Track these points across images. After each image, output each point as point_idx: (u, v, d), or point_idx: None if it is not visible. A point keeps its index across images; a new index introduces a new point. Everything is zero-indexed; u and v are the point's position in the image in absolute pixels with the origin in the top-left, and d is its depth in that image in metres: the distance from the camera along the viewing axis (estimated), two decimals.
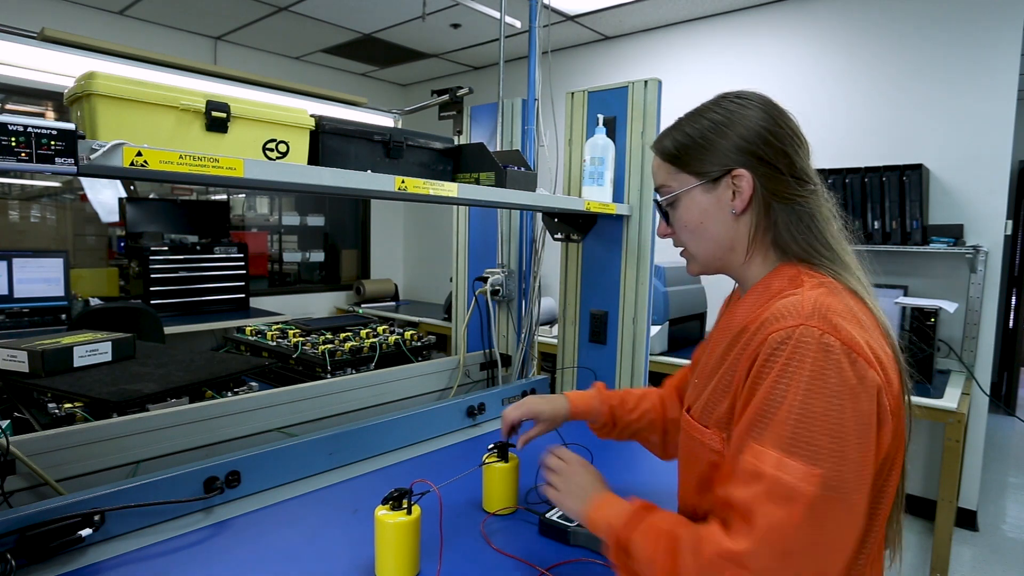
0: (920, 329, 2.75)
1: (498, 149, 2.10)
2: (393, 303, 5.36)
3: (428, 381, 1.93)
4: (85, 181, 3.93)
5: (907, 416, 0.76)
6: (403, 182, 1.19)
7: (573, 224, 1.95)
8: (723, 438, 0.78)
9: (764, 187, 0.80)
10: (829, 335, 0.68)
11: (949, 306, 2.67)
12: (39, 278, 3.23)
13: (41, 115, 3.57)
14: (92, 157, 0.78)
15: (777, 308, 0.72)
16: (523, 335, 2.11)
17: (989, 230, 2.95)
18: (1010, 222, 3.18)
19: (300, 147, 1.12)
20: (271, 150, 1.07)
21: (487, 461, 1.18)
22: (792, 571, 0.65)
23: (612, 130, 1.89)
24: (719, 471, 0.78)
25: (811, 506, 0.64)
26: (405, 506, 0.93)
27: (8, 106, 3.67)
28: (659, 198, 0.88)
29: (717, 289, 3.51)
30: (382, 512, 0.93)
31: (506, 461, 1.18)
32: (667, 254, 1.84)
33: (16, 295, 3.16)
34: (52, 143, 0.73)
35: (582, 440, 1.42)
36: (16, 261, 3.17)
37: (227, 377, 1.56)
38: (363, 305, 5.08)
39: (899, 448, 0.75)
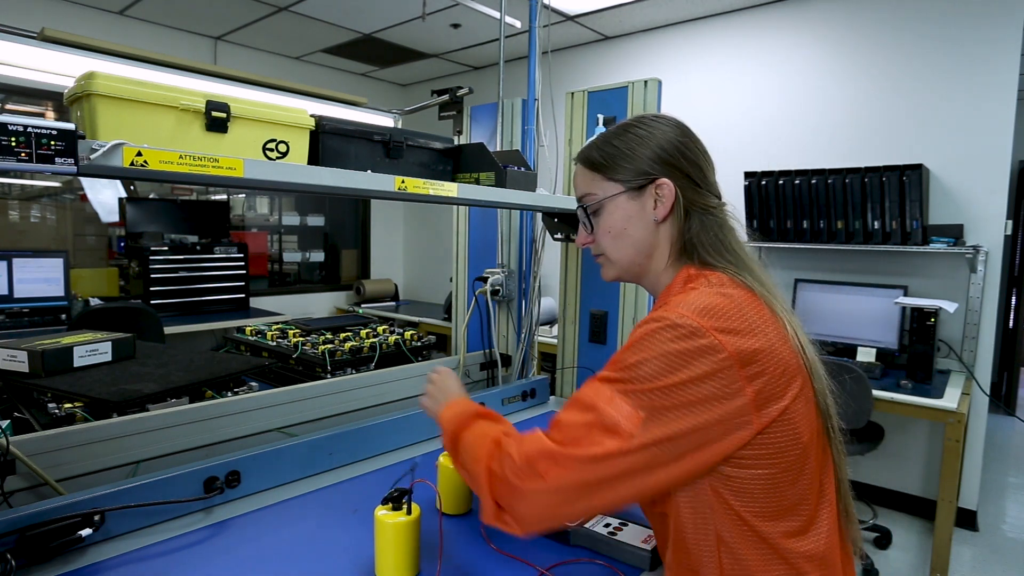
0: (920, 329, 2.75)
1: (498, 149, 2.10)
2: (393, 303, 5.36)
3: None
4: (85, 181, 3.93)
5: (821, 407, 0.80)
6: (403, 182, 1.20)
7: (573, 224, 1.95)
8: None
9: (683, 196, 0.86)
10: (688, 318, 0.74)
11: (949, 306, 2.67)
12: (39, 278, 3.23)
13: (41, 115, 3.57)
14: (92, 157, 0.78)
15: (660, 312, 0.77)
16: (523, 335, 2.11)
17: (989, 230, 2.95)
18: (1010, 222, 3.18)
19: (300, 147, 1.12)
20: (271, 150, 1.07)
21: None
22: (585, 489, 0.72)
23: None
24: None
25: (626, 442, 0.71)
26: (405, 506, 0.93)
27: (8, 106, 3.66)
28: (584, 206, 0.92)
29: None
30: (382, 512, 0.93)
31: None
32: None
33: (16, 295, 3.16)
34: (52, 143, 0.73)
35: None
36: (16, 261, 3.17)
37: (227, 377, 1.56)
38: (363, 305, 5.08)
39: (810, 435, 0.77)
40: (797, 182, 3.16)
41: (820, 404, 0.80)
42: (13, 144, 0.70)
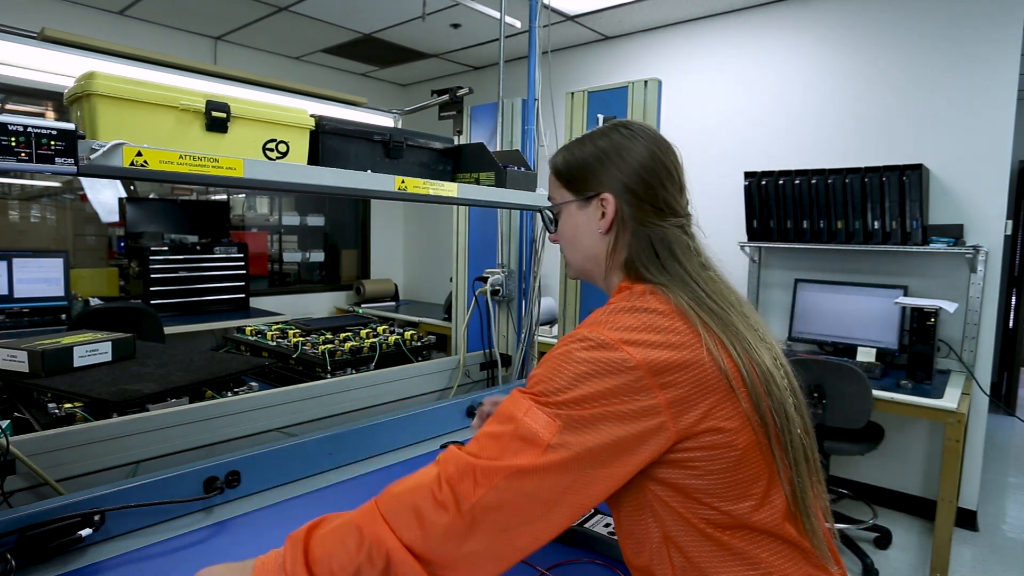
0: (920, 329, 2.75)
1: (498, 149, 2.10)
2: (393, 303, 5.36)
3: (428, 381, 1.93)
4: (85, 181, 3.93)
5: (765, 417, 0.77)
6: (403, 182, 1.20)
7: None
8: None
9: (626, 212, 0.88)
10: (597, 331, 0.76)
11: (949, 306, 2.67)
12: (39, 278, 3.23)
13: (41, 115, 3.57)
14: (92, 157, 0.78)
15: (585, 323, 0.80)
16: (523, 335, 2.11)
17: (989, 230, 2.95)
18: (1010, 222, 3.18)
19: (300, 147, 1.12)
20: (271, 150, 1.07)
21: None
22: (476, 491, 0.69)
23: None
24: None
25: (544, 452, 0.70)
26: None
27: (8, 106, 3.67)
28: (548, 208, 0.99)
29: None
30: None
31: None
32: None
33: (16, 295, 3.16)
34: (52, 143, 0.73)
35: None
36: (16, 261, 3.17)
37: (227, 377, 1.56)
38: (363, 305, 5.08)
39: (747, 442, 0.75)
40: (797, 182, 3.16)
41: (763, 414, 0.77)
42: (13, 144, 0.70)
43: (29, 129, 0.71)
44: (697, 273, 0.85)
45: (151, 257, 3.61)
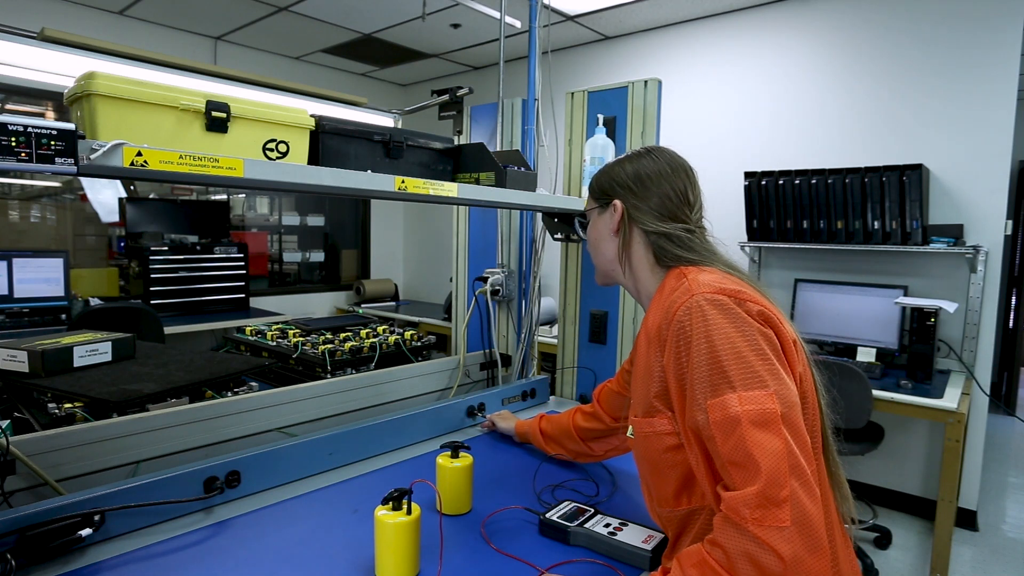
0: (920, 329, 2.75)
1: (498, 149, 2.10)
2: (393, 303, 5.36)
3: (428, 381, 1.93)
4: (85, 181, 3.93)
5: (808, 360, 0.90)
6: (403, 182, 1.20)
7: (573, 224, 1.95)
8: (669, 416, 0.88)
9: (633, 216, 1.01)
10: (715, 294, 0.83)
11: (949, 306, 2.67)
12: (39, 278, 3.23)
13: (41, 115, 3.57)
14: (92, 157, 0.78)
15: (673, 296, 0.88)
16: (523, 335, 2.11)
17: (989, 230, 2.95)
18: (1010, 222, 3.18)
19: (300, 147, 1.12)
20: (271, 150, 1.07)
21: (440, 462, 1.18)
22: (801, 480, 0.72)
23: (612, 130, 1.89)
24: (682, 451, 0.87)
25: (784, 420, 0.75)
26: (405, 506, 0.93)
27: (8, 106, 3.66)
28: (581, 217, 1.13)
29: None
30: (382, 512, 0.93)
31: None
32: None
33: (16, 295, 3.16)
34: (52, 143, 0.73)
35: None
36: (16, 261, 3.17)
37: (227, 377, 1.56)
38: (363, 305, 5.08)
39: (805, 385, 0.86)
40: (797, 182, 3.16)
41: (815, 378, 0.88)
42: (13, 144, 0.70)
43: (29, 129, 0.71)
44: (720, 252, 0.99)
45: (151, 257, 3.61)
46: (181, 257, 3.75)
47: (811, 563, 0.68)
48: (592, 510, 1.14)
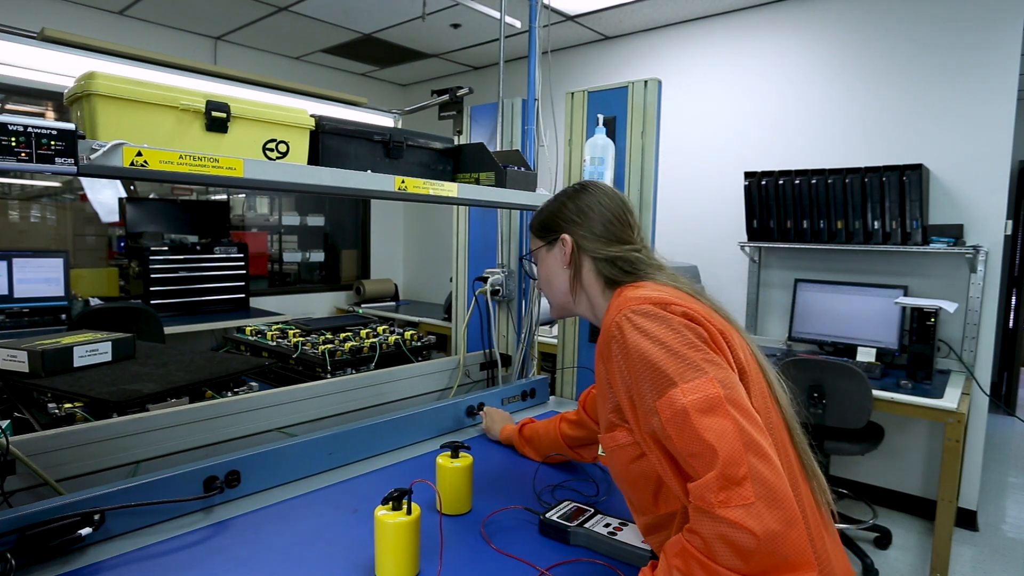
0: (920, 329, 2.75)
1: (498, 149, 2.10)
2: (393, 303, 5.36)
3: (428, 381, 1.93)
4: (85, 181, 3.93)
5: (753, 353, 0.93)
6: (403, 182, 1.20)
7: None
8: (626, 428, 0.90)
9: (583, 246, 1.05)
10: (640, 304, 0.87)
11: (949, 306, 2.67)
12: (39, 278, 3.23)
13: (41, 115, 3.57)
14: (92, 157, 0.78)
15: (609, 316, 0.91)
16: (523, 335, 2.11)
17: (989, 230, 2.95)
18: (1010, 222, 3.18)
19: (300, 147, 1.12)
20: (271, 150, 1.07)
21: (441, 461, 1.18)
22: (757, 454, 0.73)
23: (612, 130, 1.89)
24: (646, 460, 0.88)
25: (729, 401, 0.77)
26: (405, 506, 0.93)
27: (8, 106, 3.67)
28: (528, 259, 1.18)
29: (716, 289, 3.51)
30: (382, 512, 0.93)
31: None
32: (667, 254, 1.84)
33: (16, 295, 3.16)
34: (52, 143, 0.73)
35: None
36: (16, 261, 3.17)
37: (227, 377, 1.56)
38: (363, 305, 5.08)
39: (749, 376, 0.87)
40: (797, 182, 3.16)
41: (766, 375, 0.91)
42: (13, 144, 0.70)
43: (29, 129, 0.71)
44: (663, 268, 1.03)
45: (151, 257, 3.61)
46: (181, 257, 3.75)
47: (785, 533, 0.69)
48: (592, 510, 1.14)
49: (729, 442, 0.73)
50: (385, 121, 2.02)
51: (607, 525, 1.08)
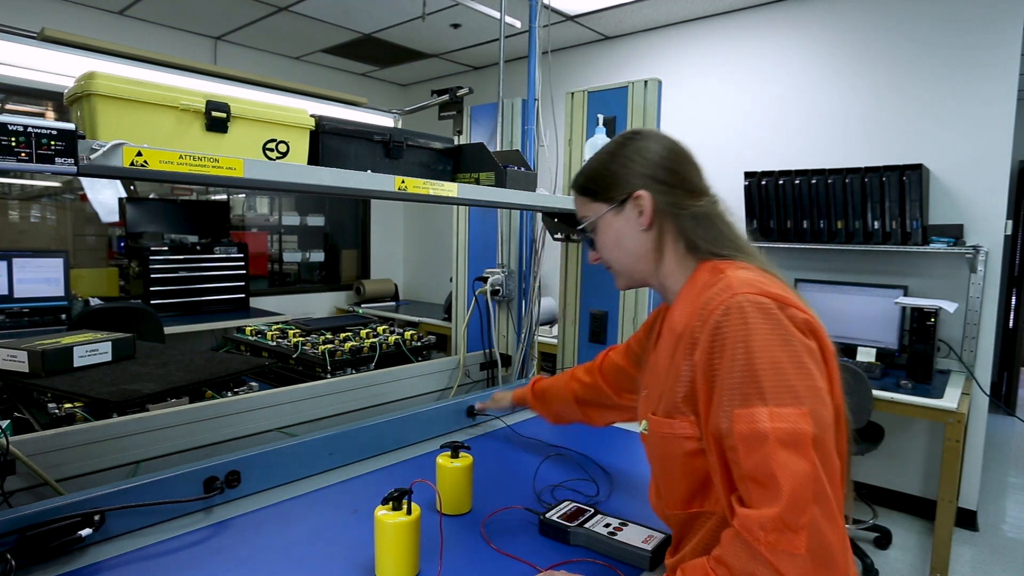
0: (920, 329, 2.75)
1: (498, 149, 2.10)
2: (393, 303, 5.36)
3: (428, 381, 1.93)
4: (85, 181, 3.92)
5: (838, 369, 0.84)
6: (403, 182, 1.20)
7: (573, 224, 1.95)
8: (692, 421, 0.83)
9: (663, 202, 0.91)
10: (759, 296, 0.76)
11: (949, 306, 2.67)
12: (39, 278, 3.23)
13: (41, 115, 3.57)
14: (92, 157, 0.78)
15: (710, 294, 0.81)
16: (523, 335, 2.11)
17: (989, 230, 2.95)
18: (1010, 222, 3.18)
19: (300, 147, 1.12)
20: (271, 150, 1.07)
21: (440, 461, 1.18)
22: (823, 508, 0.68)
23: (612, 130, 1.89)
24: (701, 456, 0.82)
25: (815, 442, 0.70)
26: (405, 506, 0.93)
27: (8, 106, 3.66)
28: (583, 228, 1.00)
29: None
30: (382, 512, 0.93)
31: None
32: None
33: (16, 295, 3.16)
34: (52, 143, 0.73)
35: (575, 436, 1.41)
36: (16, 261, 3.17)
37: (227, 377, 1.56)
38: (363, 305, 5.08)
39: (836, 399, 0.82)
40: (797, 182, 3.16)
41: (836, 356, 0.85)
42: (13, 144, 0.70)
43: (29, 129, 0.71)
44: (749, 244, 0.93)
45: (151, 257, 3.61)
46: (181, 257, 3.75)
47: None
48: (592, 510, 1.14)
49: (799, 485, 0.68)
50: (385, 121, 2.02)
51: (607, 525, 1.08)
